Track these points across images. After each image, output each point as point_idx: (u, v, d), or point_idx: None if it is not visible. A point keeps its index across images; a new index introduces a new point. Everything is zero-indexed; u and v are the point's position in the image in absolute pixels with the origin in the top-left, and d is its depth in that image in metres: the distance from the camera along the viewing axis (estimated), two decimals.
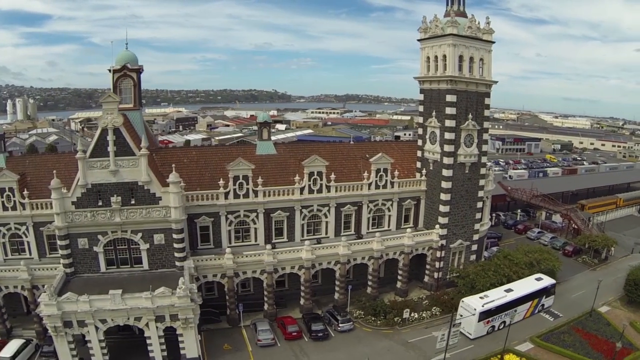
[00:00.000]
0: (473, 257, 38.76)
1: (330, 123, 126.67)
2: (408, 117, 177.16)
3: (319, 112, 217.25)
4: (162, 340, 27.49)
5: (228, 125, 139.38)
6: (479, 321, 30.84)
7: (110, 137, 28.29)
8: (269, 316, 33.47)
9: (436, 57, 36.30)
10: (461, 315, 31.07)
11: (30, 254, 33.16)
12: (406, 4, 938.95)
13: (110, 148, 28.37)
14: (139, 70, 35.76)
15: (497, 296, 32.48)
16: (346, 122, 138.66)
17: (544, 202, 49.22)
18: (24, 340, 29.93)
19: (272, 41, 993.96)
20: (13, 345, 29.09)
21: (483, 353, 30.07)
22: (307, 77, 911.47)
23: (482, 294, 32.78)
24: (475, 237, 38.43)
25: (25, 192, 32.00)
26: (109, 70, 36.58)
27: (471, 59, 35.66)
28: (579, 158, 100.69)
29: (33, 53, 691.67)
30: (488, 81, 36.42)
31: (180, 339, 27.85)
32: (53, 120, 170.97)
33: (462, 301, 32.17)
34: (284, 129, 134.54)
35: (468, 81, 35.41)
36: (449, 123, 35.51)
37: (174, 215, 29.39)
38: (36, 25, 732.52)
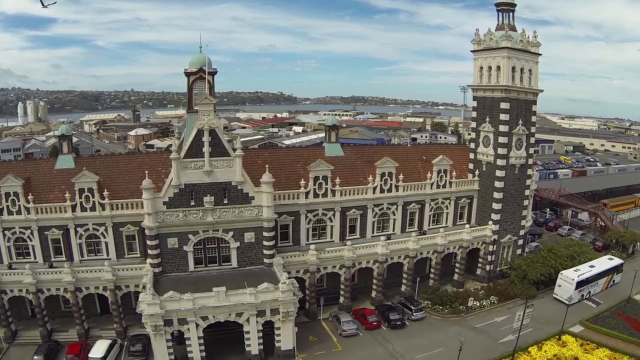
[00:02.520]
0: (519, 251, 38.99)
1: (345, 125, 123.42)
2: (421, 119, 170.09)
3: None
4: (260, 334, 26.11)
5: (244, 127, 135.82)
6: (575, 289, 33.94)
7: (205, 138, 26.81)
8: (345, 309, 32.58)
9: (490, 67, 36.29)
10: (560, 286, 34.66)
11: (108, 254, 31.20)
12: (410, 6, 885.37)
13: (206, 149, 26.94)
14: (213, 73, 33.96)
15: (585, 270, 35.59)
16: (360, 125, 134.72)
17: (571, 200, 50.32)
18: (110, 341, 28.13)
19: (276, 43, 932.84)
20: (102, 346, 27.25)
21: (543, 334, 30.25)
22: (311, 79, 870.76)
23: (574, 268, 35.68)
24: (521, 232, 38.68)
25: (106, 193, 29.94)
26: (185, 73, 34.59)
27: (521, 69, 35.87)
28: (592, 159, 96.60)
29: (37, 56, 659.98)
30: (535, 90, 36.74)
31: (277, 332, 26.73)
32: (63, 122, 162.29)
33: (561, 273, 35.12)
34: (300, 131, 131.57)
35: (519, 90, 35.61)
36: (502, 128, 35.61)
37: (265, 214, 28.17)
38: (41, 28, 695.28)
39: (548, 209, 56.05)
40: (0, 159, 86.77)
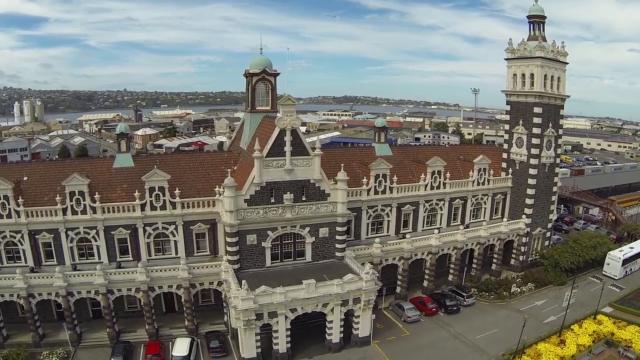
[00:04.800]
0: (547, 242, 41.57)
1: (346, 125, 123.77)
2: (420, 119, 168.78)
3: (331, 114, 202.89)
4: (342, 323, 27.07)
5: None
6: (621, 266, 38.61)
7: (287, 138, 27.33)
8: (401, 298, 33.86)
9: (523, 74, 38.46)
10: (608, 264, 39.23)
11: (176, 253, 30.69)
12: (400, 6, 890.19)
13: (287, 148, 27.46)
14: (275, 75, 34.41)
15: (627, 250, 39.85)
16: (362, 124, 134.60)
17: (583, 197, 53.67)
18: (190, 339, 27.88)
19: (267, 43, 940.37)
20: (184, 344, 26.92)
21: (580, 314, 32.42)
22: (302, 79, 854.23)
23: (620, 249, 40.21)
24: (549, 225, 41.24)
25: (177, 191, 29.74)
26: (245, 75, 34.89)
27: (552, 77, 38.31)
28: (590, 158, 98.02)
29: (28, 55, 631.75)
30: (564, 96, 39.22)
31: (355, 320, 27.67)
32: (60, 122, 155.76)
33: (609, 254, 39.51)
34: (304, 131, 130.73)
35: (550, 96, 38.03)
36: (535, 130, 37.86)
37: (340, 210, 29.06)
38: (33, 28, 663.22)
39: (562, 205, 58.41)
40: (7, 159, 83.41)
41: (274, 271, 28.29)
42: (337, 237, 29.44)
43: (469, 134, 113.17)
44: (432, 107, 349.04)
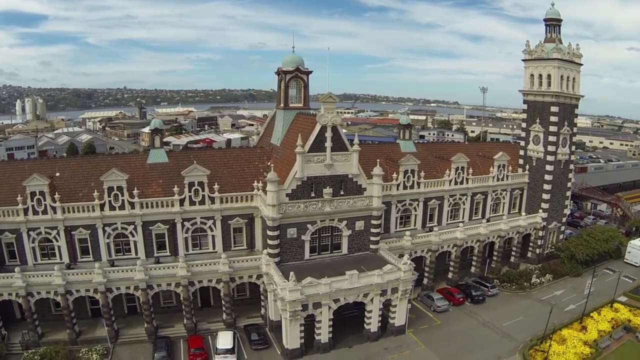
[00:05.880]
0: (561, 235, 43.10)
1: (350, 123, 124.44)
2: (423, 117, 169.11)
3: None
4: (380, 312, 28.02)
5: (252, 125, 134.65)
6: None
7: (328, 134, 28.09)
8: (428, 289, 34.94)
9: (540, 75, 39.75)
10: (629, 252, 41.81)
11: (213, 247, 31.14)
12: (399, 4, 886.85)
13: (328, 144, 28.21)
14: (308, 73, 35.08)
15: None
16: (365, 122, 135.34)
17: (592, 193, 55.46)
18: (232, 332, 28.25)
19: (266, 41, 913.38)
20: (228, 337, 27.25)
21: (597, 303, 33.64)
22: None
23: (639, 239, 42.63)
24: (563, 219, 42.74)
25: (216, 186, 30.22)
26: (277, 72, 35.48)
27: (567, 77, 39.71)
28: (594, 156, 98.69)
29: (27, 53, 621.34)
30: (578, 95, 40.62)
31: (392, 309, 28.62)
32: (63, 119, 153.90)
33: (630, 243, 42.15)
34: None
35: (566, 95, 39.42)
36: (552, 128, 39.17)
37: (375, 203, 29.94)
38: (32, 25, 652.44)
39: (571, 201, 60.49)
40: (14, 156, 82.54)
41: (312, 264, 28.93)
42: (372, 230, 30.34)
43: (472, 131, 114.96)
44: (432, 104, 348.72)
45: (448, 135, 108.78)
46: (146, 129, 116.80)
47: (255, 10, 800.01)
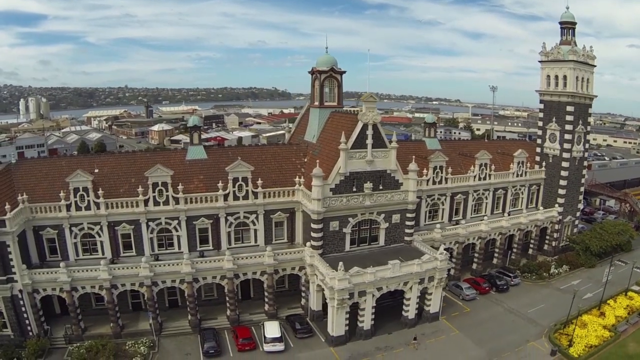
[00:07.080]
0: (575, 229, 45.21)
1: None
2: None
3: None
4: (417, 299, 29.66)
5: (259, 123, 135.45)
6: None
7: (369, 132, 29.56)
8: (455, 279, 36.69)
9: (556, 76, 41.67)
10: None
11: (255, 241, 32.12)
12: (400, 2, 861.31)
13: (369, 141, 29.69)
14: (342, 73, 36.47)
15: None
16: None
17: (601, 189, 57.75)
18: (277, 322, 29.16)
19: (266, 39, 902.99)
20: (275, 327, 28.23)
21: (613, 292, 35.40)
22: (301, 74, 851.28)
23: None
24: (577, 213, 44.85)
25: (260, 182, 31.28)
26: (311, 72, 36.81)
27: (582, 78, 41.71)
28: (599, 154, 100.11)
29: (27, 53, 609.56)
30: (592, 95, 42.66)
31: (428, 297, 30.29)
32: (67, 118, 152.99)
33: None
34: None
35: (581, 95, 41.43)
36: (568, 127, 41.12)
37: (410, 198, 31.56)
38: (31, 25, 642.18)
39: (581, 197, 62.61)
40: (24, 155, 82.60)
41: (352, 255, 30.36)
42: (407, 223, 31.97)
43: (478, 129, 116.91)
44: (434, 102, 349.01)
45: (455, 133, 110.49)
46: (155, 127, 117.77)
47: (255, 8, 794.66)
